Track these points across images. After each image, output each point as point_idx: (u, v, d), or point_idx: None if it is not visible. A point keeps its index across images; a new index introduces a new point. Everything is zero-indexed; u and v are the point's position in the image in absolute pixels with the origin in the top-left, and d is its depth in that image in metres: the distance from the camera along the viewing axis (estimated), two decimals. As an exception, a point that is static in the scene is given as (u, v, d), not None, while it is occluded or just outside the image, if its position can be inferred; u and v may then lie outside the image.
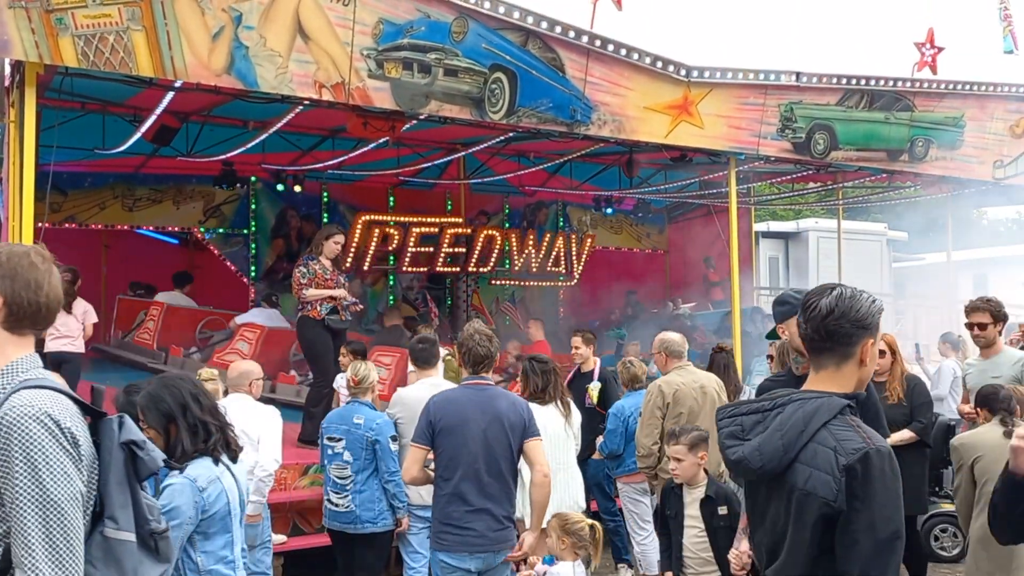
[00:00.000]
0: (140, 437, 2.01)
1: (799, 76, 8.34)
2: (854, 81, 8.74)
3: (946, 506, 6.45)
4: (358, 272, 12.08)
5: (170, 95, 7.28)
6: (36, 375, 1.90)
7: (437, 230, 12.33)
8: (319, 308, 7.05)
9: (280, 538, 5.88)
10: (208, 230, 12.17)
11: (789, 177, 12.04)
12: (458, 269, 12.72)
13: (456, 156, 11.01)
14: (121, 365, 9.74)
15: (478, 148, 10.01)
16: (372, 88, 6.20)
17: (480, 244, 12.52)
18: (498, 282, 13.67)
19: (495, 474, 3.93)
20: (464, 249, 12.58)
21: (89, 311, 7.86)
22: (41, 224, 5.48)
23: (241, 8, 5.65)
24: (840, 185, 12.64)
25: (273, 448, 5.00)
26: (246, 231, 12.35)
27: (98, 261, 11.30)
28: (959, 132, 9.74)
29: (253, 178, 11.86)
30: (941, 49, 9.83)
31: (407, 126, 8.18)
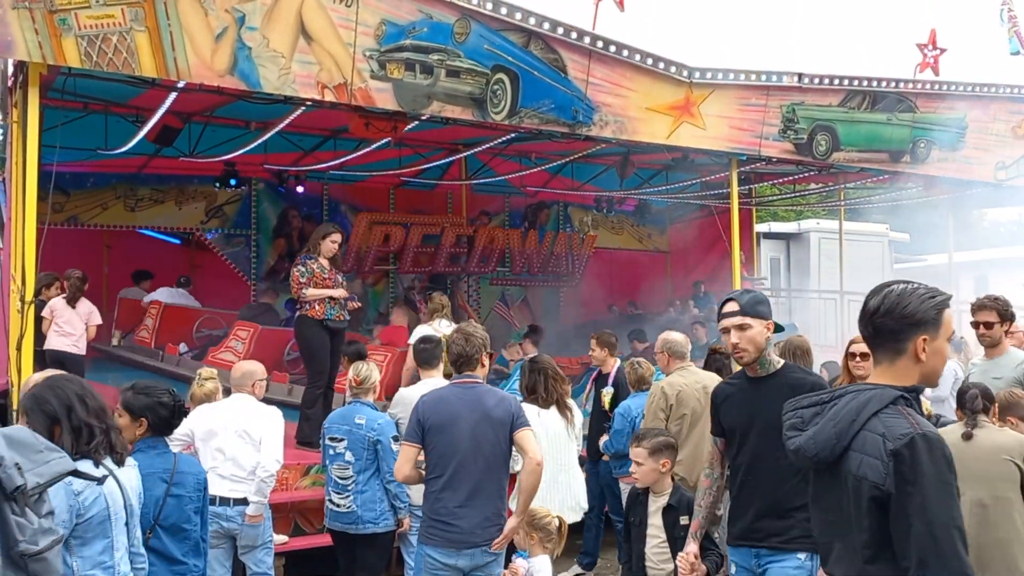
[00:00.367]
0: None
1: (801, 77, 8.34)
2: (856, 82, 8.74)
3: None
4: (359, 272, 12.10)
5: (173, 96, 7.29)
6: None
7: (438, 230, 12.35)
8: (318, 308, 7.01)
9: (281, 538, 5.88)
10: (210, 230, 12.19)
11: (791, 178, 12.05)
12: (459, 269, 12.72)
13: (458, 157, 11.01)
14: (121, 364, 9.74)
15: (480, 149, 10.02)
16: (374, 89, 6.21)
17: (481, 244, 12.53)
18: (499, 283, 13.69)
19: (484, 471, 3.93)
20: (465, 249, 12.59)
21: (94, 312, 7.87)
22: (43, 225, 5.47)
23: (244, 9, 5.66)
24: (842, 186, 12.64)
25: (275, 449, 5.00)
26: (248, 231, 12.38)
27: (100, 261, 11.30)
28: (961, 134, 9.74)
29: (255, 179, 11.88)
30: (943, 50, 9.84)
31: (409, 127, 8.18)
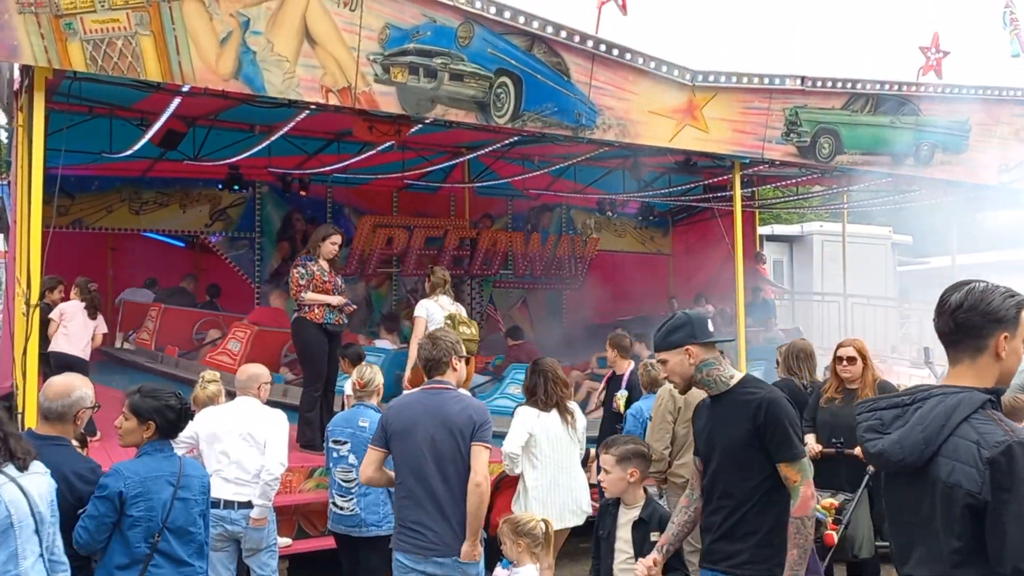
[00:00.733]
0: None
1: (804, 80, 8.34)
2: (859, 85, 8.75)
3: None
4: (363, 275, 12.13)
5: (177, 100, 7.32)
6: None
7: (441, 233, 12.38)
8: (317, 311, 7.00)
9: (285, 541, 5.89)
10: (214, 233, 12.22)
11: (794, 181, 12.05)
12: (462, 272, 12.74)
13: (461, 160, 11.04)
14: (124, 367, 9.77)
15: (483, 152, 10.04)
16: (378, 92, 6.22)
17: (484, 247, 12.55)
18: (502, 285, 13.70)
19: (444, 479, 3.89)
20: (468, 252, 12.61)
21: (101, 322, 7.90)
22: (48, 228, 5.49)
23: (249, 13, 5.67)
24: (845, 189, 12.64)
25: (279, 452, 5.01)
26: (252, 234, 12.41)
27: (104, 264, 11.34)
28: (964, 136, 9.73)
29: (259, 182, 11.91)
30: (946, 53, 9.84)
31: (413, 130, 8.21)
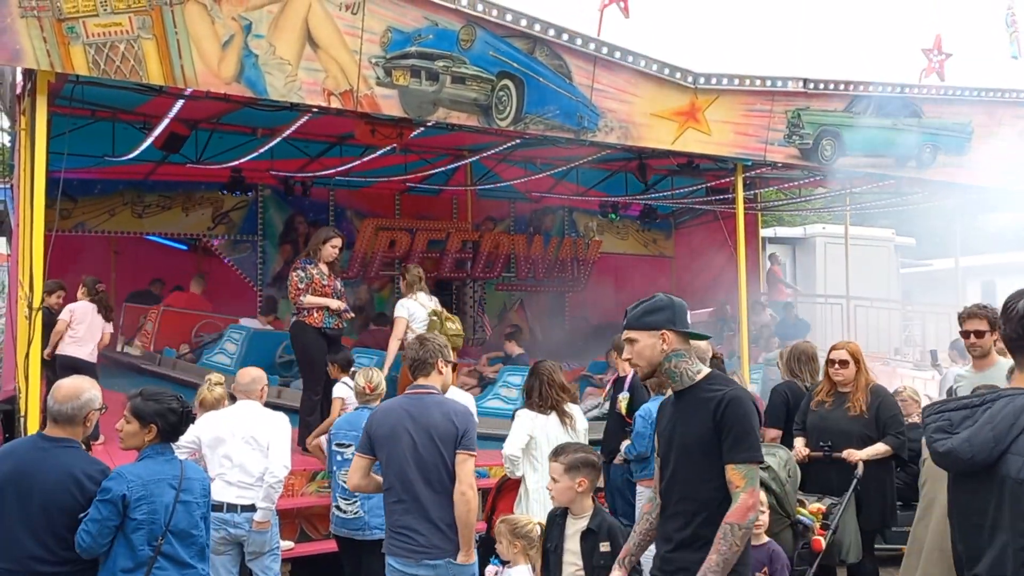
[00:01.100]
0: None
1: (806, 83, 8.34)
2: (861, 87, 8.74)
3: None
4: (365, 277, 12.14)
5: (180, 103, 7.33)
6: None
7: (444, 236, 12.38)
8: (316, 315, 6.99)
9: (288, 544, 5.89)
10: (216, 236, 12.24)
11: (796, 183, 12.04)
12: (464, 275, 12.75)
13: (463, 162, 11.05)
14: (124, 369, 9.77)
15: (485, 154, 10.05)
16: (380, 96, 6.23)
17: (487, 250, 12.54)
18: (504, 288, 13.70)
19: (428, 483, 3.89)
20: (471, 255, 12.61)
21: (108, 323, 7.91)
22: (51, 231, 5.50)
23: (251, 17, 5.69)
24: (847, 191, 12.63)
25: (282, 454, 5.01)
26: (254, 237, 12.42)
27: (107, 267, 11.35)
28: (967, 138, 9.72)
29: (261, 185, 11.93)
30: (949, 55, 9.83)
31: (415, 133, 8.21)
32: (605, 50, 7.12)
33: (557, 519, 3.80)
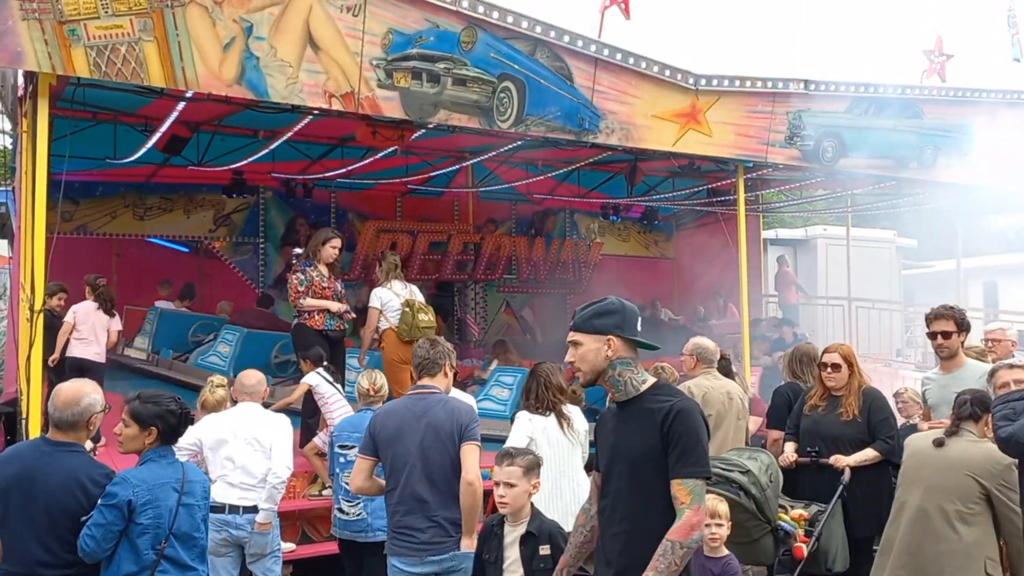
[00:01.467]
0: None
1: (807, 84, 8.34)
2: (862, 89, 8.74)
3: None
4: (367, 279, 12.13)
5: (181, 105, 7.33)
6: None
7: (445, 238, 12.38)
8: (317, 317, 6.98)
9: (289, 546, 5.89)
10: (218, 238, 12.25)
11: (797, 185, 12.03)
12: (466, 277, 12.74)
13: (464, 164, 11.05)
14: (121, 370, 9.75)
15: (486, 156, 10.04)
16: (381, 98, 6.23)
17: (488, 252, 12.54)
18: (506, 290, 13.69)
19: (435, 483, 3.90)
20: (472, 257, 12.61)
21: (116, 319, 7.89)
22: (52, 234, 5.50)
23: (252, 19, 5.69)
24: (849, 192, 12.62)
25: (285, 456, 5.00)
26: (256, 239, 12.43)
27: (109, 270, 11.34)
28: (968, 139, 9.71)
29: (263, 187, 11.93)
30: (950, 56, 9.83)
31: (416, 135, 8.22)
32: (606, 52, 7.12)
33: (495, 528, 3.64)
